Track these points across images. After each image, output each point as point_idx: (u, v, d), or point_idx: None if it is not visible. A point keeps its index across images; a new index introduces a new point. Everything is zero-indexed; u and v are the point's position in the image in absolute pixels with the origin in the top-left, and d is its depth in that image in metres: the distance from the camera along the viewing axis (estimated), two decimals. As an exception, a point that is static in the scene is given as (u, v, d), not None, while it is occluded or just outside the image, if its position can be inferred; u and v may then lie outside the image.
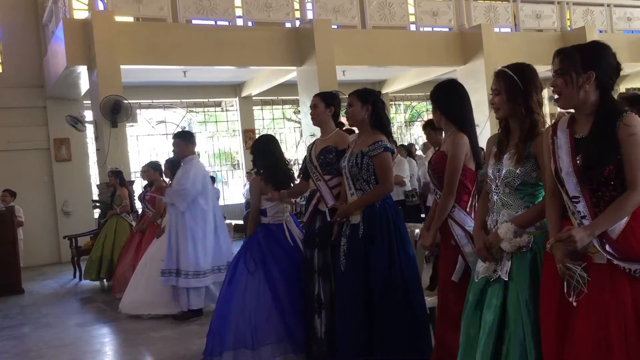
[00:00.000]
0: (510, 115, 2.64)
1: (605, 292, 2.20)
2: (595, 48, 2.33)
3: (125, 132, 9.66)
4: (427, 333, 3.60)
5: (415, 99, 16.01)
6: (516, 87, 2.58)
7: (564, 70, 2.31)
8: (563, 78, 2.32)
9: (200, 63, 10.44)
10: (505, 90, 2.61)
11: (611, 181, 2.23)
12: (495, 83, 2.66)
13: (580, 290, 2.22)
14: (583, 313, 2.23)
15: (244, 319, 4.09)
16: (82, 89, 10.95)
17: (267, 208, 4.36)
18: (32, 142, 11.38)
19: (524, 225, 2.57)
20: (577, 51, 2.32)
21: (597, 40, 2.41)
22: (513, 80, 2.59)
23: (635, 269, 2.17)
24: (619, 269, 2.19)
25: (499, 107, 2.64)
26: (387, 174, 3.63)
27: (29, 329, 6.23)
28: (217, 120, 14.58)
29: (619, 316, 2.17)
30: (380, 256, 3.55)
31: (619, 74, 2.35)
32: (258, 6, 10.62)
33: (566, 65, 2.31)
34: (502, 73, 2.63)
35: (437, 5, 12.22)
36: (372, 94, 3.77)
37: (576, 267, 2.23)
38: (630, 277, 2.18)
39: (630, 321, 2.16)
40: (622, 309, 2.17)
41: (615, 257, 2.19)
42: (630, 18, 14.27)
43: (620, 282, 2.19)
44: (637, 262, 2.17)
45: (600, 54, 2.31)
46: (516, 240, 2.55)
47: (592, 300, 2.21)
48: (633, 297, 2.17)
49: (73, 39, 9.20)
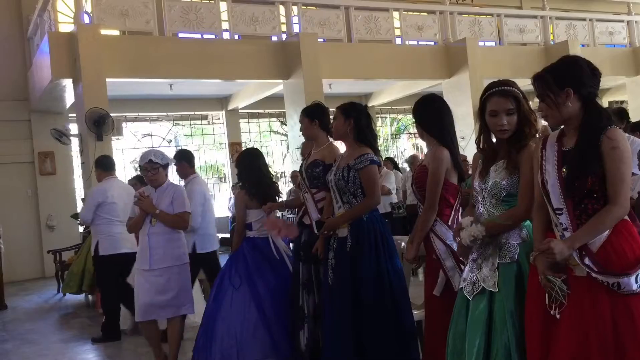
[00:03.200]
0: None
1: (585, 305, 2.22)
2: (565, 64, 2.36)
3: (111, 146, 9.58)
4: (415, 345, 3.59)
5: (402, 111, 16.09)
6: (524, 102, 2.60)
7: (543, 95, 2.33)
8: (544, 102, 2.34)
9: (187, 76, 10.41)
10: (518, 108, 2.58)
11: (594, 194, 2.25)
12: (505, 103, 2.57)
13: (561, 302, 2.24)
14: (563, 325, 2.25)
15: (230, 334, 4.06)
16: (67, 102, 10.87)
17: (253, 222, 4.35)
18: (16, 155, 11.25)
19: (491, 229, 2.58)
20: (549, 73, 2.34)
21: (567, 56, 2.44)
22: (521, 97, 2.60)
23: (613, 282, 2.18)
24: (598, 282, 2.20)
25: (510, 129, 2.60)
26: (373, 187, 3.64)
27: (12, 345, 6.13)
28: (204, 134, 14.55)
29: (598, 329, 2.18)
30: (368, 269, 3.54)
31: (599, 79, 2.36)
32: (244, 20, 10.64)
33: (542, 89, 2.33)
34: (511, 92, 2.59)
35: (423, 19, 12.32)
36: (355, 109, 3.78)
37: (556, 280, 2.25)
38: (610, 290, 2.19)
39: (609, 334, 2.17)
40: (601, 322, 2.18)
41: (594, 271, 2.21)
42: (612, 32, 14.49)
43: (600, 296, 2.20)
44: (614, 276, 2.18)
45: (572, 68, 2.33)
46: (471, 228, 2.56)
47: (572, 313, 2.23)
48: (612, 311, 2.19)
49: (58, 52, 9.15)
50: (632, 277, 2.17)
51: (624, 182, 2.21)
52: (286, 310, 4.08)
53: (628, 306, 2.19)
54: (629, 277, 2.17)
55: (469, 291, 2.68)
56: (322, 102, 4.45)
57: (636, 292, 2.18)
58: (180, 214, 4.41)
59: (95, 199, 5.78)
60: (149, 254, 4.36)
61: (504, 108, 2.57)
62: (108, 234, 5.74)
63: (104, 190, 5.81)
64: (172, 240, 4.42)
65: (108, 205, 5.74)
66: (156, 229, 4.37)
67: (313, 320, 3.87)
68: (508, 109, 2.57)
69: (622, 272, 2.18)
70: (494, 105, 2.59)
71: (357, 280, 3.55)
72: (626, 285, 2.17)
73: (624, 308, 2.18)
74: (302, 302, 3.94)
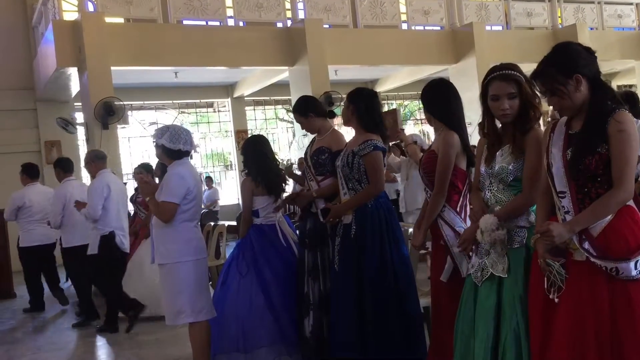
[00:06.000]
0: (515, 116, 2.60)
1: (583, 289, 2.20)
2: (563, 52, 2.31)
3: (117, 134, 9.61)
4: (421, 332, 3.58)
5: (408, 97, 16.01)
6: (526, 86, 2.56)
7: (552, 89, 2.29)
8: (555, 95, 2.29)
9: (192, 64, 10.40)
10: (520, 92, 2.55)
11: (598, 177, 2.22)
12: (507, 87, 2.55)
13: (559, 286, 2.22)
14: (561, 309, 2.24)
15: (237, 322, 4.06)
16: (72, 90, 10.88)
17: (259, 209, 4.33)
18: (22, 144, 11.27)
19: (503, 218, 2.56)
20: (549, 66, 2.29)
21: (559, 44, 2.38)
22: (523, 81, 2.56)
23: (612, 267, 2.16)
24: (597, 267, 2.18)
25: (512, 113, 2.57)
26: (377, 174, 3.61)
27: (21, 334, 6.17)
28: (210, 121, 14.54)
29: (596, 314, 2.16)
30: (371, 256, 3.53)
31: (595, 57, 2.32)
32: (249, 6, 10.59)
33: (550, 83, 2.29)
34: (512, 75, 2.57)
35: (429, 3, 12.21)
36: (360, 95, 3.76)
37: (554, 263, 2.23)
38: (609, 275, 2.17)
39: (606, 319, 2.15)
40: (599, 307, 2.17)
41: (593, 255, 2.18)
42: (621, 15, 14.33)
43: (598, 280, 2.18)
44: (612, 261, 2.15)
45: (570, 54, 2.29)
46: (496, 233, 2.53)
47: (570, 298, 2.22)
48: (610, 296, 2.17)
49: (63, 40, 9.14)
50: (631, 262, 2.14)
51: (628, 165, 2.17)
52: (293, 297, 4.08)
53: (626, 292, 2.16)
54: (628, 262, 2.14)
55: (478, 277, 2.66)
56: (305, 95, 4.47)
57: (635, 278, 2.15)
58: (160, 203, 3.79)
59: (15, 204, 7.06)
60: (151, 248, 3.97)
61: (506, 92, 2.55)
62: (26, 229, 7.06)
63: (22, 196, 7.11)
64: (167, 233, 3.82)
65: (26, 208, 7.04)
66: (154, 219, 3.91)
67: (318, 307, 3.87)
68: (509, 93, 2.55)
69: (621, 257, 2.15)
70: (496, 89, 2.57)
71: (361, 266, 3.54)
72: (624, 270, 2.14)
73: (622, 294, 2.16)
74: (308, 290, 3.93)
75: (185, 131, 3.95)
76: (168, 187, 3.81)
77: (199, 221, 4.09)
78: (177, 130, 3.89)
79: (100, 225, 5.61)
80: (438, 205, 3.17)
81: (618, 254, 2.15)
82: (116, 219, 5.72)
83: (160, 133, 3.88)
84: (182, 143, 3.83)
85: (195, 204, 3.92)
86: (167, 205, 3.77)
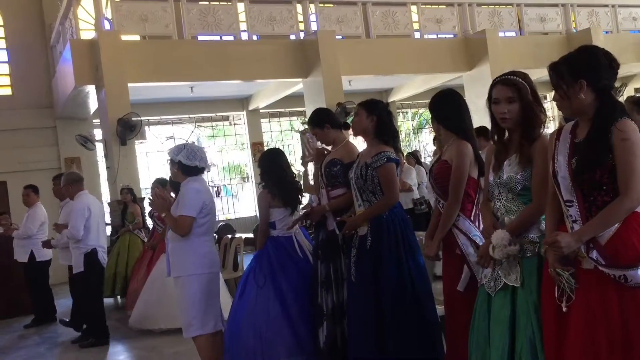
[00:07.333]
0: (517, 122, 2.63)
1: (593, 298, 2.20)
2: (581, 55, 2.33)
3: (135, 150, 9.72)
4: (439, 340, 3.58)
5: (422, 106, 15.99)
6: (527, 92, 2.59)
7: (556, 85, 2.33)
8: (557, 92, 2.33)
9: (207, 78, 10.50)
10: (520, 97, 2.59)
11: (603, 186, 2.22)
12: (506, 91, 2.60)
13: (569, 295, 2.22)
14: (572, 319, 2.24)
15: (255, 334, 4.08)
16: (91, 108, 11.04)
17: (276, 221, 4.37)
18: (43, 162, 11.46)
19: (514, 232, 2.57)
20: (564, 63, 2.32)
21: (585, 46, 2.40)
22: (524, 86, 2.60)
23: (620, 275, 2.16)
24: (605, 275, 2.18)
25: (511, 117, 2.61)
26: (391, 185, 3.64)
27: (44, 349, 6.26)
28: (226, 134, 14.65)
29: (606, 323, 2.16)
30: (388, 267, 3.55)
31: (616, 71, 2.33)
32: (262, 20, 10.69)
33: (556, 79, 2.32)
34: (512, 80, 2.61)
35: (441, 12, 12.23)
36: (378, 106, 3.80)
37: (564, 273, 2.23)
38: (617, 283, 2.17)
39: (617, 328, 2.15)
40: (609, 315, 2.16)
41: (600, 264, 2.18)
42: (636, 18, 14.22)
43: (608, 289, 2.18)
44: (620, 269, 2.15)
45: (588, 59, 2.31)
46: (509, 248, 2.54)
47: (581, 306, 2.22)
48: (620, 304, 2.17)
49: (80, 59, 9.30)
50: (639, 269, 2.14)
51: (634, 173, 2.17)
52: (310, 308, 4.10)
53: (636, 299, 2.16)
54: (636, 269, 2.14)
55: (491, 287, 2.67)
56: (320, 107, 4.52)
57: None
58: (177, 218, 3.90)
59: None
60: (166, 261, 4.08)
61: (505, 96, 2.61)
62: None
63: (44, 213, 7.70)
64: (182, 247, 3.92)
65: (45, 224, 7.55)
66: (170, 233, 4.02)
67: (331, 318, 3.89)
68: (508, 97, 2.60)
69: (629, 264, 2.15)
70: (496, 93, 2.65)
71: (379, 277, 3.56)
72: (633, 277, 2.14)
73: (632, 301, 2.16)
74: (321, 301, 3.95)
75: (201, 149, 4.14)
76: (185, 202, 3.92)
77: (213, 235, 4.19)
78: (193, 148, 4.08)
79: (82, 245, 5.88)
80: (453, 214, 3.19)
81: (626, 261, 2.16)
82: (96, 237, 6.00)
83: (177, 150, 4.05)
84: (198, 160, 4.01)
85: (210, 219, 4.06)
86: (184, 219, 3.89)
